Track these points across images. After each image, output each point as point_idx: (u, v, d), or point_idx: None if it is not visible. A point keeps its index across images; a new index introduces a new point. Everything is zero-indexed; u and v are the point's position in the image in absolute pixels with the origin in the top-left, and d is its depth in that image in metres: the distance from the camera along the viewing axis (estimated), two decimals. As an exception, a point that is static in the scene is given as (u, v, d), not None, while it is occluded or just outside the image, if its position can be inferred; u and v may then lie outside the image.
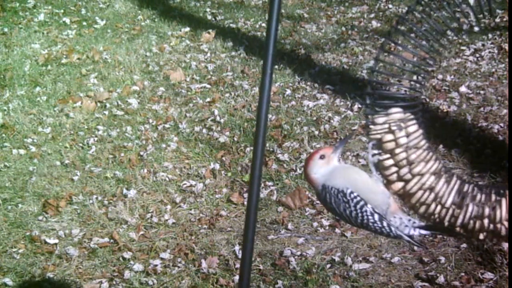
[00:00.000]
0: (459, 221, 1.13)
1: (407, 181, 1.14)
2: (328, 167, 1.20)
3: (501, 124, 3.36)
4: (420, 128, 1.14)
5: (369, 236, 2.66)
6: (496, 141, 3.23)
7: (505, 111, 3.48)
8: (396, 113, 1.14)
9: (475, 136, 3.30)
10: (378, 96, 1.15)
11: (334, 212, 1.20)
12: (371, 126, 1.15)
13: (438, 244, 2.58)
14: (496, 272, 2.37)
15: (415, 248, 2.55)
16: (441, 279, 2.38)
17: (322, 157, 1.20)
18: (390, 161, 1.14)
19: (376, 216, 1.16)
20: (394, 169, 1.14)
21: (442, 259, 2.49)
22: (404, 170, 1.13)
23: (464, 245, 2.54)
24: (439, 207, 1.13)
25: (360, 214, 1.16)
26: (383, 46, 1.15)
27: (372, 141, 1.16)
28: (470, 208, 1.12)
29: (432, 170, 1.13)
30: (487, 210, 1.11)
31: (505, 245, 2.44)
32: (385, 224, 1.16)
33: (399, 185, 1.15)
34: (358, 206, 1.15)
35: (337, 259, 2.55)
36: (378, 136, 1.15)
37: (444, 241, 2.58)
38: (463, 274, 2.40)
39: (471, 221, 1.12)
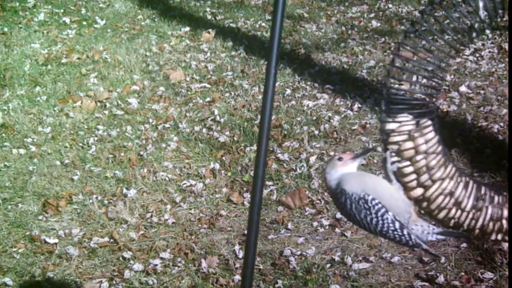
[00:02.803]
0: (479, 223, 1.13)
1: (427, 187, 1.14)
2: (343, 171, 1.20)
3: (501, 124, 3.36)
4: (436, 133, 1.14)
5: (369, 236, 2.66)
6: (496, 141, 3.24)
7: (505, 110, 3.48)
8: (413, 119, 1.13)
9: (475, 136, 3.30)
10: (394, 102, 1.14)
11: (351, 218, 1.19)
12: (389, 134, 1.15)
13: (438, 244, 2.58)
14: (496, 271, 2.37)
15: (433, 252, 2.54)
16: (441, 278, 2.38)
17: (340, 159, 1.21)
18: (410, 168, 1.14)
19: (397, 224, 1.15)
20: (413, 176, 1.14)
21: (442, 258, 2.49)
22: (425, 177, 1.13)
23: (464, 245, 2.54)
24: (459, 211, 1.13)
25: (380, 222, 1.15)
26: (397, 52, 1.14)
27: (390, 149, 1.15)
28: (489, 211, 1.12)
29: (451, 174, 1.13)
30: (505, 212, 1.12)
31: (505, 245, 2.44)
32: (405, 232, 1.16)
33: (418, 191, 1.14)
34: (379, 214, 1.15)
35: (337, 258, 2.55)
36: (397, 144, 1.14)
37: (444, 241, 2.58)
38: (463, 273, 2.40)
39: (491, 223, 1.12)
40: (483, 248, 2.49)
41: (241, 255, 2.62)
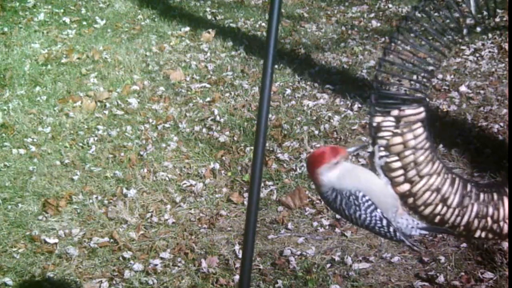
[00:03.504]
0: (464, 220, 1.13)
1: (414, 183, 1.14)
2: (337, 170, 1.18)
3: (501, 124, 3.36)
4: (425, 129, 1.14)
5: (369, 235, 2.66)
6: (496, 141, 3.24)
7: (505, 110, 3.48)
8: (403, 114, 1.13)
9: (475, 136, 3.30)
10: (384, 97, 1.14)
11: (340, 212, 1.19)
12: (377, 128, 1.14)
13: (438, 244, 2.58)
14: (496, 271, 2.37)
15: (415, 248, 2.54)
16: (441, 278, 2.38)
17: (337, 163, 1.18)
18: (398, 164, 1.14)
19: (385, 221, 1.16)
20: (401, 171, 1.14)
21: (442, 258, 2.49)
22: (412, 172, 1.13)
23: (464, 244, 2.54)
24: (445, 208, 1.14)
25: (368, 218, 1.16)
26: (389, 47, 1.14)
27: (378, 143, 1.15)
28: (475, 208, 1.12)
29: (438, 170, 1.13)
30: (490, 209, 1.12)
31: (505, 245, 2.44)
32: (391, 229, 1.17)
33: (405, 187, 1.14)
34: (368, 210, 1.15)
35: (337, 258, 2.55)
36: (386, 138, 1.14)
37: (444, 241, 2.59)
38: (463, 273, 2.40)
39: (476, 220, 1.13)
40: (483, 248, 2.49)
41: (241, 255, 2.62)
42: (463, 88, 3.80)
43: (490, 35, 4.47)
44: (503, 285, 2.32)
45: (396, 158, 1.14)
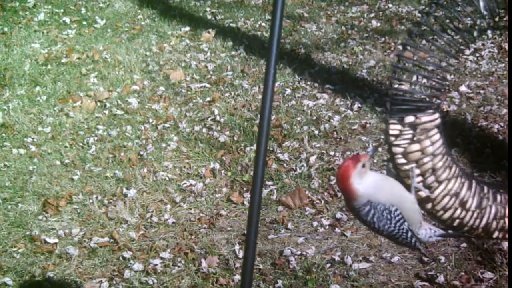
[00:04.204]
0: (483, 222, 1.14)
1: (433, 189, 1.14)
2: (368, 177, 1.16)
3: (501, 124, 3.36)
4: (441, 135, 1.14)
5: (369, 235, 2.66)
6: (496, 141, 3.24)
7: (505, 110, 3.48)
8: (419, 121, 1.12)
9: (475, 136, 3.30)
10: (399, 103, 1.13)
11: (367, 224, 1.19)
12: (394, 136, 1.13)
13: (438, 243, 2.58)
14: (496, 271, 2.38)
15: (426, 254, 2.55)
16: (441, 278, 2.38)
17: (364, 166, 1.16)
18: (416, 171, 1.14)
19: (409, 233, 1.19)
20: (419, 178, 1.14)
21: (442, 258, 2.49)
22: (431, 178, 1.13)
23: (464, 244, 2.54)
24: (464, 212, 1.14)
25: (396, 230, 1.18)
26: (402, 52, 1.13)
27: (412, 167, 1.14)
28: (493, 209, 1.13)
29: (455, 175, 1.14)
30: (508, 210, 1.13)
31: (505, 245, 2.45)
32: (413, 240, 1.20)
33: (424, 193, 1.15)
34: (398, 224, 1.17)
35: (337, 258, 2.55)
36: (403, 146, 1.13)
37: (444, 241, 2.59)
38: (463, 273, 2.41)
39: (494, 222, 1.13)
40: (483, 248, 2.49)
41: (241, 255, 2.62)
42: (463, 88, 3.80)
43: (490, 35, 4.47)
44: (503, 285, 2.32)
45: (414, 165, 1.13)
